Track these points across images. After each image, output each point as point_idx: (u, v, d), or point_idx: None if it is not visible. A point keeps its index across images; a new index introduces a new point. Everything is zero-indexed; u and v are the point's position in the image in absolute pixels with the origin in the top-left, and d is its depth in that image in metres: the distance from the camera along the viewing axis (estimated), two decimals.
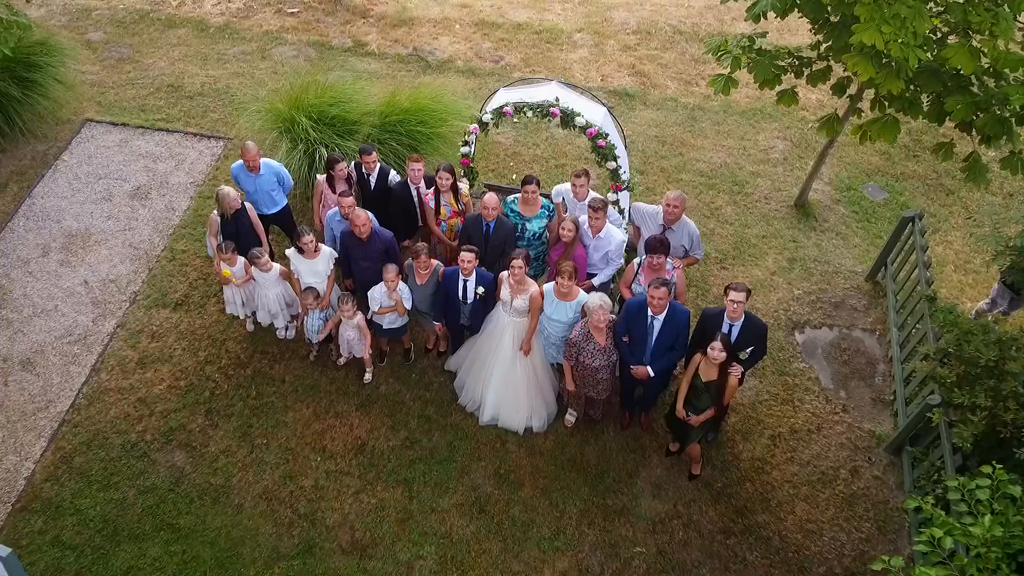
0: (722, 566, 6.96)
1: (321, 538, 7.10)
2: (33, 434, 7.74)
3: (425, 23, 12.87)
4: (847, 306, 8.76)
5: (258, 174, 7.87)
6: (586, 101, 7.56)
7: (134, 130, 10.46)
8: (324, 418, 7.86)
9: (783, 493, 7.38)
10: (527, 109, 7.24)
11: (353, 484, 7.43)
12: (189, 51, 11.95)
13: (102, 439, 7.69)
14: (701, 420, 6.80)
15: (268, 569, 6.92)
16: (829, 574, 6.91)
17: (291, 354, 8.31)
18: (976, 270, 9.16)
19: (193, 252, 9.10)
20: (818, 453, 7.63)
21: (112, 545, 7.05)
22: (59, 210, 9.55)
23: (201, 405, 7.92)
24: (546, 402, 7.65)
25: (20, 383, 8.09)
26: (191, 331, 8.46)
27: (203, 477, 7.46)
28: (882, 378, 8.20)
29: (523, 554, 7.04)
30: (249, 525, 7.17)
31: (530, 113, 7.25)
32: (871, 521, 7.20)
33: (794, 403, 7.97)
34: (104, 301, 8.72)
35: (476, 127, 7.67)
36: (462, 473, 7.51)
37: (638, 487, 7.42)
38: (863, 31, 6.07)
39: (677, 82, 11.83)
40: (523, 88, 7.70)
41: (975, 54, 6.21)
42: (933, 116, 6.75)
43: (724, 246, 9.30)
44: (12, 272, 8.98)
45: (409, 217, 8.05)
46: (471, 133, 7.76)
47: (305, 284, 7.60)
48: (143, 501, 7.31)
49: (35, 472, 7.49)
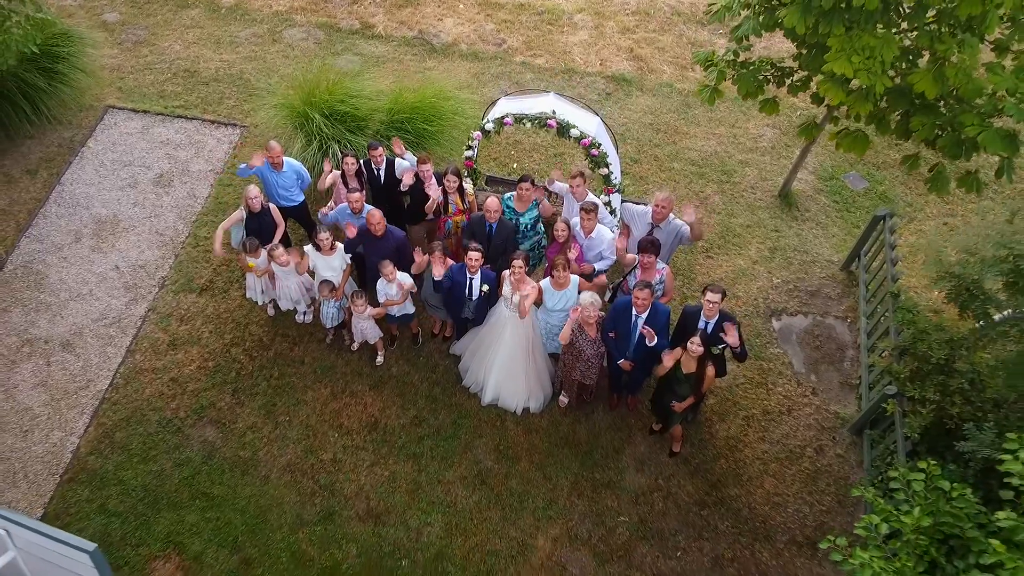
0: (696, 534, 7.83)
1: (340, 506, 7.96)
2: (76, 411, 8.55)
3: (430, 3, 13.23)
4: (822, 294, 9.45)
5: (281, 171, 8.49)
6: (581, 112, 8.13)
7: (154, 117, 11.01)
8: (340, 397, 8.65)
9: (753, 469, 8.20)
10: (526, 120, 7.82)
11: (367, 458, 8.26)
12: (203, 33, 12.39)
13: (140, 416, 8.50)
14: (683, 407, 7.57)
15: (293, 534, 7.80)
16: (791, 542, 7.78)
17: (309, 337, 9.05)
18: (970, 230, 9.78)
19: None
20: (787, 433, 8.43)
21: (153, 512, 7.92)
22: (88, 197, 10.19)
23: (228, 384, 8.71)
24: (542, 386, 8.42)
25: (62, 363, 8.86)
26: (216, 315, 9.19)
27: (232, 451, 8.29)
28: (850, 363, 8.94)
29: (520, 522, 7.90)
30: (275, 495, 8.03)
31: (528, 124, 7.82)
32: (832, 495, 8.04)
33: (768, 386, 8.74)
34: (135, 286, 9.43)
35: (479, 134, 8.26)
36: (465, 449, 8.33)
37: (623, 462, 8.25)
38: (834, 60, 6.62)
39: (673, 67, 12.27)
40: (522, 99, 8.27)
41: (939, 79, 6.76)
42: (900, 133, 7.32)
43: (711, 235, 9.93)
44: (47, 257, 9.67)
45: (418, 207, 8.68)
46: (474, 139, 8.35)
47: (322, 277, 8.29)
48: (179, 472, 8.15)
49: (80, 446, 8.33)
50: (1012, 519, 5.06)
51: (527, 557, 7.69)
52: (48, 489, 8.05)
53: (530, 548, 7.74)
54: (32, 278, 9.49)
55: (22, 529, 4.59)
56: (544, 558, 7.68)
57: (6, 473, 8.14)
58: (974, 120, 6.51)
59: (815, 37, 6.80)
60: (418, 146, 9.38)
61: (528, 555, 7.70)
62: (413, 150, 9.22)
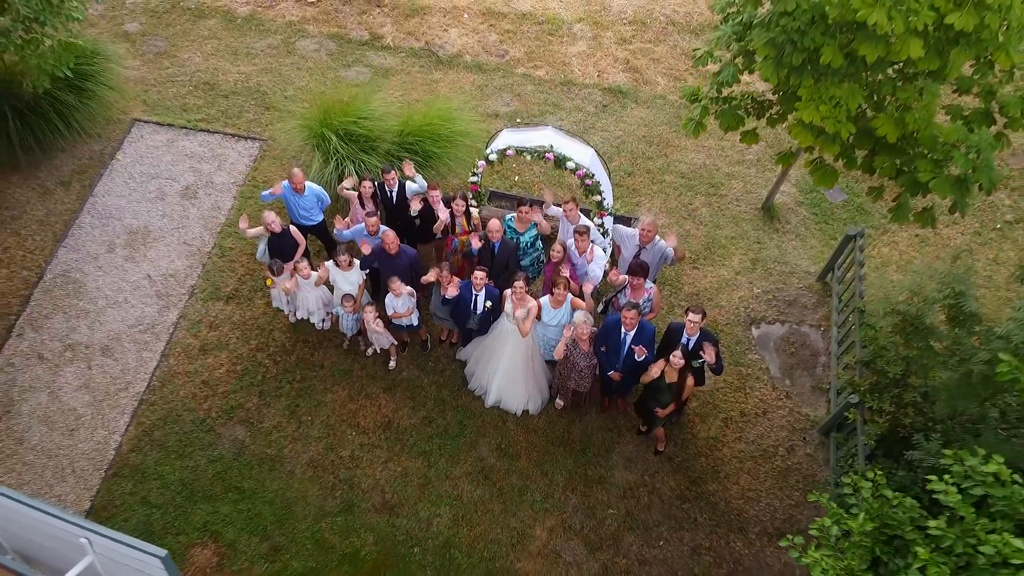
0: (677, 525, 8.74)
1: (358, 499, 8.87)
2: (117, 411, 9.43)
3: (436, 12, 13.84)
4: (798, 304, 10.26)
5: (302, 194, 9.27)
6: (575, 144, 8.87)
7: (179, 131, 11.73)
8: (357, 399, 9.51)
9: (730, 467, 9.09)
10: (526, 153, 8.57)
11: (382, 455, 9.15)
12: (220, 45, 13.04)
13: (175, 416, 9.38)
14: (665, 413, 8.43)
15: (316, 524, 8.72)
16: (763, 533, 8.69)
17: (327, 343, 9.89)
18: (916, 271, 10.57)
19: (239, 249, 10.56)
20: (762, 433, 9.30)
21: (190, 504, 8.83)
22: (119, 208, 10.96)
23: (255, 387, 9.57)
24: (540, 390, 9.27)
25: (102, 367, 9.72)
26: (243, 322, 10.02)
27: (260, 448, 9.18)
28: (822, 368, 9.78)
29: (519, 513, 8.81)
30: (300, 488, 8.93)
31: (528, 157, 8.58)
32: (800, 491, 8.93)
33: (746, 390, 9.59)
34: (166, 294, 10.25)
35: (484, 163, 9.02)
36: (470, 447, 9.22)
37: (613, 460, 9.13)
38: (804, 109, 7.34)
39: (667, 78, 12.92)
40: (522, 132, 9.01)
41: (900, 124, 7.48)
42: (866, 168, 8.05)
43: (697, 246, 10.71)
44: (84, 266, 10.48)
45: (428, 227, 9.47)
46: (479, 167, 9.11)
47: (341, 291, 9.10)
48: (213, 468, 9.05)
49: (122, 444, 9.21)
50: (941, 528, 5.90)
51: (525, 545, 8.61)
52: (94, 483, 8.96)
53: (528, 537, 8.65)
54: (71, 286, 10.30)
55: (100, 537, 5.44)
56: (541, 546, 8.60)
57: (56, 469, 9.05)
58: (928, 167, 7.25)
59: (787, 87, 7.51)
60: (426, 165, 10.13)
61: (526, 543, 8.62)
62: (421, 169, 9.97)
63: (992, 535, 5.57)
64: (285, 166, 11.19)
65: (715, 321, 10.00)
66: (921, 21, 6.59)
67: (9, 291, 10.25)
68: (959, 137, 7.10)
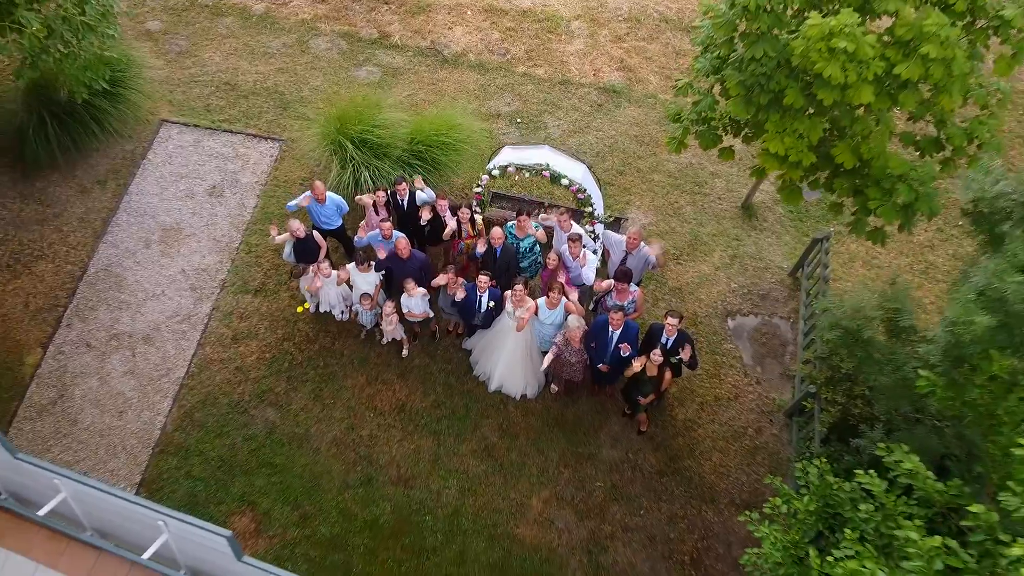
0: (656, 497, 9.98)
1: (377, 473, 10.09)
2: (160, 395, 10.60)
3: (441, 9, 14.59)
4: (771, 297, 11.34)
5: (323, 204, 10.28)
6: (569, 161, 9.86)
7: (204, 131, 12.66)
8: (374, 384, 10.67)
9: (704, 445, 10.29)
10: (525, 171, 9.57)
11: (397, 434, 10.35)
12: (238, 44, 13.85)
13: (212, 399, 10.55)
14: (647, 402, 9.59)
15: (340, 495, 9.95)
16: (731, 504, 9.94)
17: (347, 333, 11.01)
18: (880, 265, 11.65)
19: (264, 246, 11.60)
20: (733, 416, 10.49)
21: (229, 478, 10.06)
22: (153, 206, 11.97)
23: (283, 373, 10.73)
24: (537, 377, 10.42)
25: (145, 355, 10.86)
26: (270, 313, 11.13)
27: (289, 428, 10.38)
28: (790, 356, 10.92)
29: (518, 486, 10.04)
30: (325, 463, 10.15)
31: (527, 174, 9.58)
32: (766, 467, 10.15)
33: (720, 377, 10.74)
34: (200, 287, 11.33)
35: (487, 177, 10.01)
36: (475, 427, 10.41)
37: (601, 439, 10.33)
38: (770, 141, 8.32)
39: (658, 77, 13.77)
40: (521, 150, 10.02)
41: (856, 153, 8.45)
42: (827, 188, 9.05)
43: (681, 243, 11.75)
44: (124, 261, 11.54)
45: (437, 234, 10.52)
46: (482, 181, 10.11)
47: (360, 290, 10.17)
48: (247, 445, 10.26)
49: (166, 424, 10.40)
50: (868, 512, 7.07)
51: (523, 514, 9.86)
52: (143, 459, 10.18)
53: (526, 507, 9.90)
54: (112, 280, 11.38)
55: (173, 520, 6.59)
56: (537, 515, 9.86)
57: (108, 447, 10.26)
58: (877, 194, 8.26)
59: (756, 120, 8.46)
60: (434, 171, 11.10)
61: (524, 512, 9.87)
62: (430, 174, 10.96)
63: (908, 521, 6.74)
64: (304, 166, 12.18)
65: (695, 314, 11.11)
66: (872, 72, 7.53)
67: (56, 284, 11.33)
68: (905, 170, 8.09)
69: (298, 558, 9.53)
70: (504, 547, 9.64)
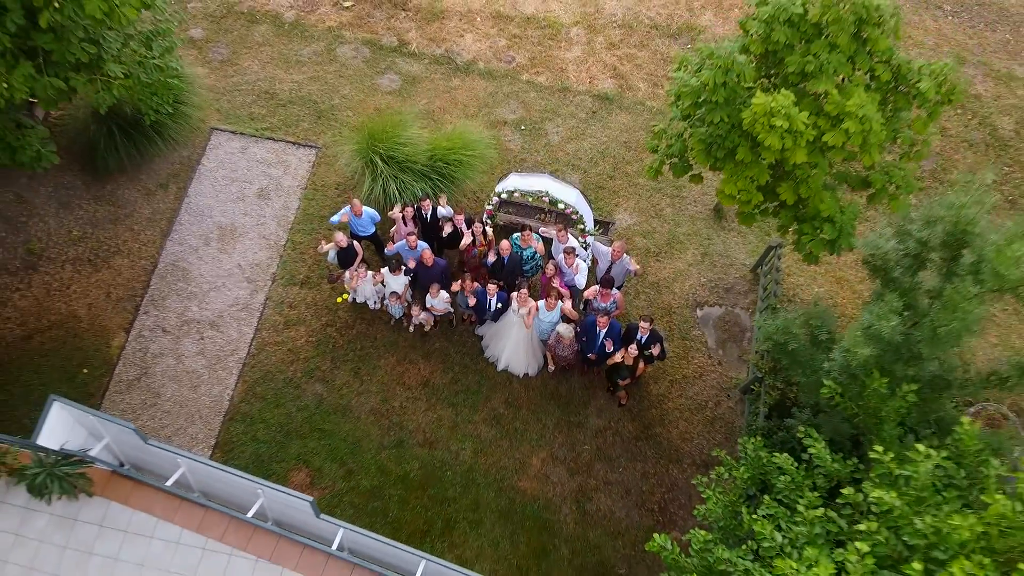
0: (632, 457, 12.37)
1: (407, 437, 12.46)
2: (227, 372, 12.89)
3: (453, 16, 16.19)
4: (734, 291, 13.48)
5: (360, 217, 12.32)
6: (565, 188, 11.87)
7: (249, 138, 14.55)
8: (403, 364, 12.94)
9: (673, 416, 12.62)
10: (528, 196, 11.61)
11: (422, 405, 12.67)
12: (273, 52, 15.55)
13: (270, 376, 12.84)
14: (625, 384, 11.88)
15: (377, 455, 12.35)
16: (693, 464, 12.32)
17: (379, 321, 13.21)
18: (828, 261, 13.72)
19: (307, 244, 13.69)
20: (698, 391, 12.78)
21: (287, 441, 12.44)
22: (210, 208, 13.99)
23: (327, 354, 12.98)
24: (537, 360, 12.68)
25: (212, 339, 13.09)
26: (314, 303, 13.31)
27: (334, 400, 12.70)
28: (747, 342, 13.13)
29: (521, 448, 12.42)
30: (364, 429, 12.51)
31: (530, 199, 11.61)
32: (722, 434, 12.50)
33: (688, 358, 12.98)
34: (254, 280, 13.47)
35: (497, 199, 12.04)
36: (486, 400, 12.72)
37: (588, 410, 12.66)
38: (726, 184, 10.31)
39: (647, 83, 15.52)
40: (526, 177, 11.99)
41: (795, 191, 10.44)
42: (774, 216, 11.06)
43: (660, 242, 13.81)
44: (188, 257, 13.65)
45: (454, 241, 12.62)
46: (492, 200, 12.14)
47: (392, 289, 12.32)
48: (301, 415, 12.60)
49: (233, 396, 12.72)
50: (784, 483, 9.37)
51: (525, 471, 12.28)
52: (216, 426, 12.54)
53: (527, 465, 12.31)
54: (179, 273, 13.52)
55: (267, 488, 8.96)
56: (535, 471, 12.27)
57: (187, 415, 12.60)
58: (809, 230, 10.30)
59: (715, 167, 10.43)
60: (451, 183, 13.08)
61: (526, 469, 12.28)
62: (446, 187, 12.96)
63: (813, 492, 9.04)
64: (338, 172, 14.12)
65: (669, 305, 13.28)
66: (804, 139, 9.47)
67: (132, 277, 13.48)
68: (833, 212, 10.12)
69: (345, 505, 12.00)
70: (509, 497, 12.10)
